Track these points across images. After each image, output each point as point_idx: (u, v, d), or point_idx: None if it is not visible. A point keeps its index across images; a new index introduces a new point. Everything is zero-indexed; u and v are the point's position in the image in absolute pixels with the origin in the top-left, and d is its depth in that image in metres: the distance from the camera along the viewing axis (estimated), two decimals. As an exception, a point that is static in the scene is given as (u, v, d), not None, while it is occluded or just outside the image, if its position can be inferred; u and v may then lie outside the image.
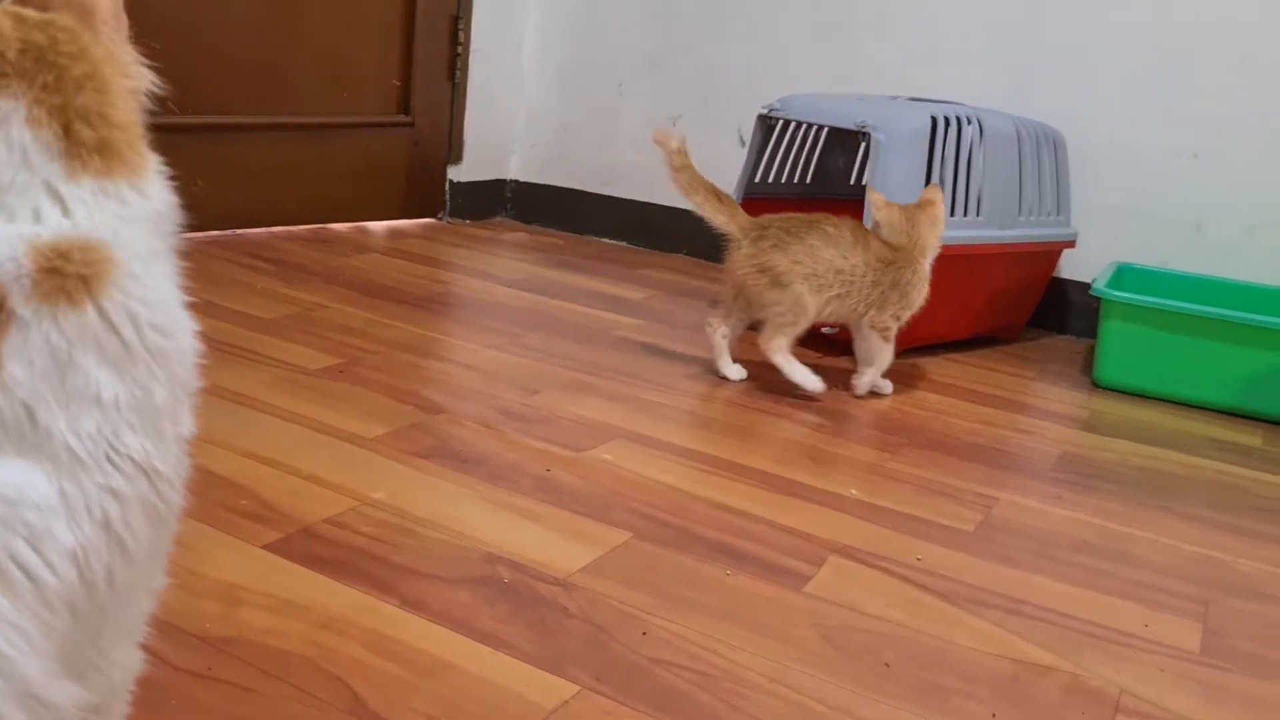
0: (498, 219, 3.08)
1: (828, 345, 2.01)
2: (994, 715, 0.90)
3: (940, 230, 1.75)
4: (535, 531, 1.14)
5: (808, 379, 1.67)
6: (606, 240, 2.96)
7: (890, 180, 1.89)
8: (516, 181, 3.10)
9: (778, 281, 1.65)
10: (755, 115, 2.15)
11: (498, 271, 2.39)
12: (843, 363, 1.93)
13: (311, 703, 0.81)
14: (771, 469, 1.39)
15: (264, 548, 1.03)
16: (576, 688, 0.87)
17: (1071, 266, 2.40)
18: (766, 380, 1.76)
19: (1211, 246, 2.28)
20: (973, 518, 1.31)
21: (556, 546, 1.11)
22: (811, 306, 1.67)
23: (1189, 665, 1.02)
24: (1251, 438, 1.79)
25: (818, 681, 0.92)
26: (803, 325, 1.68)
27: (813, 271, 1.66)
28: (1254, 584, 1.22)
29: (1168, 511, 1.41)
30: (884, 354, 1.74)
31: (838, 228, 1.69)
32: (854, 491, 1.35)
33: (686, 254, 2.85)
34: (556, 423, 1.47)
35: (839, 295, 1.68)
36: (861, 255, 1.68)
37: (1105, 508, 1.40)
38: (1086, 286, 2.14)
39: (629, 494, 1.26)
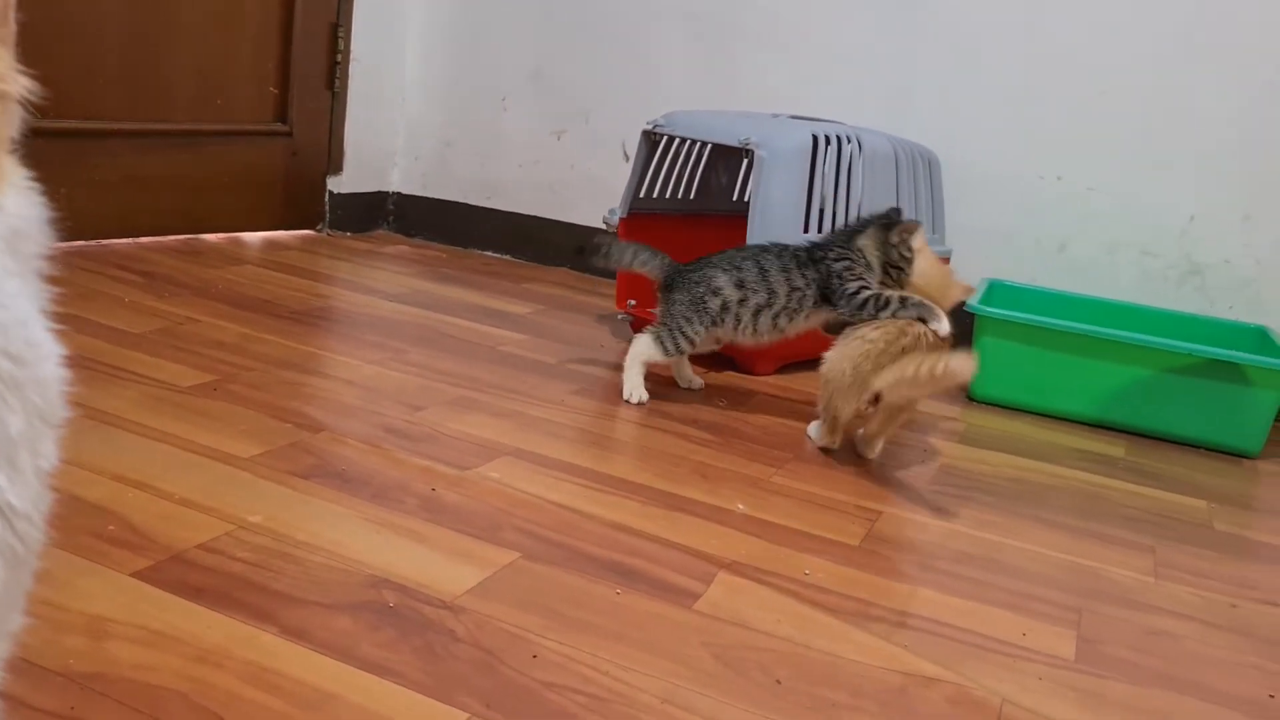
0: (379, 231, 3.03)
1: (709, 361, 2.02)
2: (883, 729, 0.91)
3: None
4: (421, 553, 1.11)
5: None
6: (490, 254, 2.94)
7: (772, 197, 1.91)
8: (399, 194, 3.05)
9: None
10: (639, 131, 2.16)
11: (379, 285, 2.34)
12: (731, 378, 1.95)
13: (186, 740, 0.77)
14: (660, 485, 1.39)
15: (133, 576, 0.98)
16: (466, 715, 0.85)
17: (946, 282, 2.47)
18: (655, 396, 1.76)
19: (1074, 265, 2.37)
20: (857, 531, 1.33)
21: (443, 568, 1.09)
22: None
23: (1066, 673, 1.05)
24: (1115, 448, 1.86)
25: (711, 702, 0.91)
26: None
27: None
28: (1124, 592, 1.26)
29: (1040, 521, 1.45)
30: None
31: None
32: (741, 507, 1.35)
33: (570, 268, 2.84)
34: (441, 440, 1.44)
35: None
36: None
37: (982, 519, 1.43)
38: (960, 302, 2.19)
39: (517, 513, 1.24)
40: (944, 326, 1.57)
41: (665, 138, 2.15)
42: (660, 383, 1.86)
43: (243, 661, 0.88)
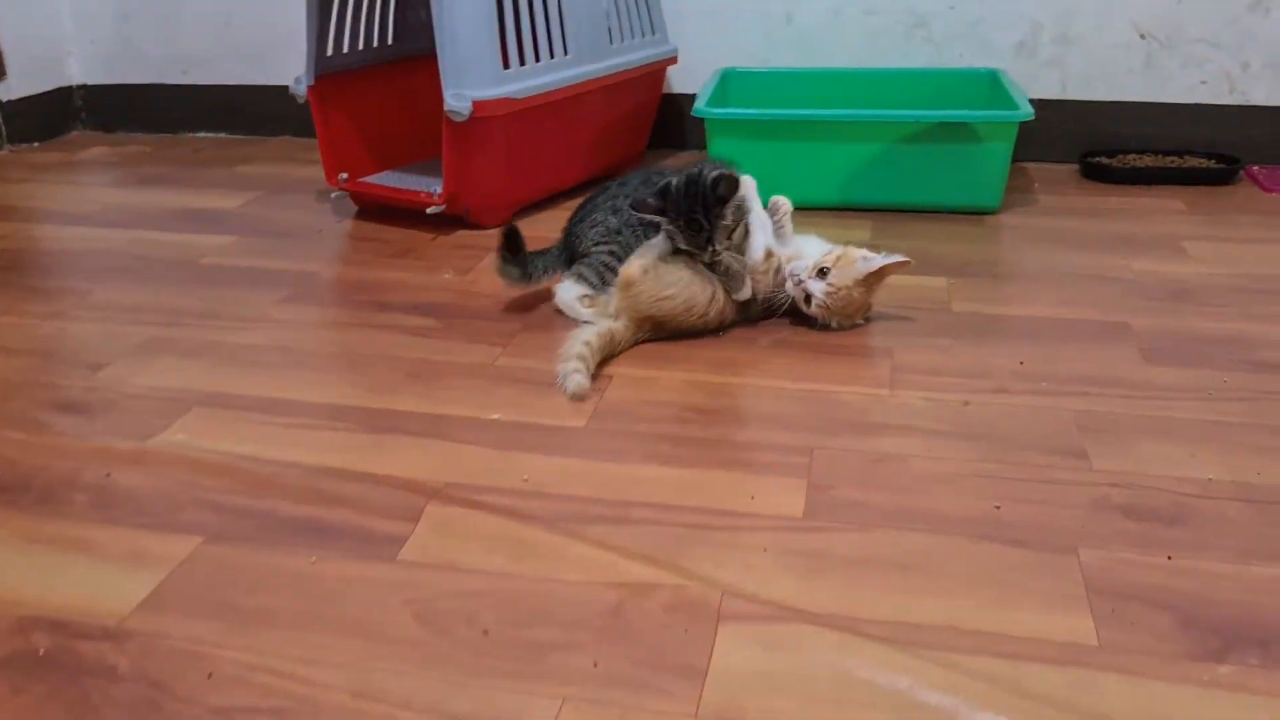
0: (73, 134, 2.72)
1: (437, 222, 1.88)
2: (595, 664, 0.85)
3: None
4: (85, 567, 0.99)
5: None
6: (202, 134, 2.68)
7: (460, 31, 1.73)
8: (85, 86, 2.73)
9: None
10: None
11: (67, 206, 2.09)
12: (462, 238, 1.82)
13: None
14: (371, 401, 1.28)
15: None
16: (122, 780, 0.76)
17: (681, 80, 2.35)
18: (375, 281, 1.63)
19: (803, 35, 2.27)
20: (585, 408, 1.25)
21: (110, 581, 0.97)
22: None
23: (792, 535, 1.00)
24: (860, 233, 1.82)
25: (408, 680, 0.84)
26: None
27: None
28: (857, 415, 1.22)
29: (780, 346, 1.40)
30: None
31: None
32: (460, 409, 1.26)
33: (292, 135, 2.61)
34: (124, 405, 1.29)
35: None
36: None
37: (718, 359, 1.37)
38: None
39: (203, 483, 1.12)
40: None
41: (337, -15, 1.92)
42: (380, 265, 1.72)
43: None
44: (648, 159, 2.31)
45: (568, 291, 1.49)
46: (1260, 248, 1.72)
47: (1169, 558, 0.96)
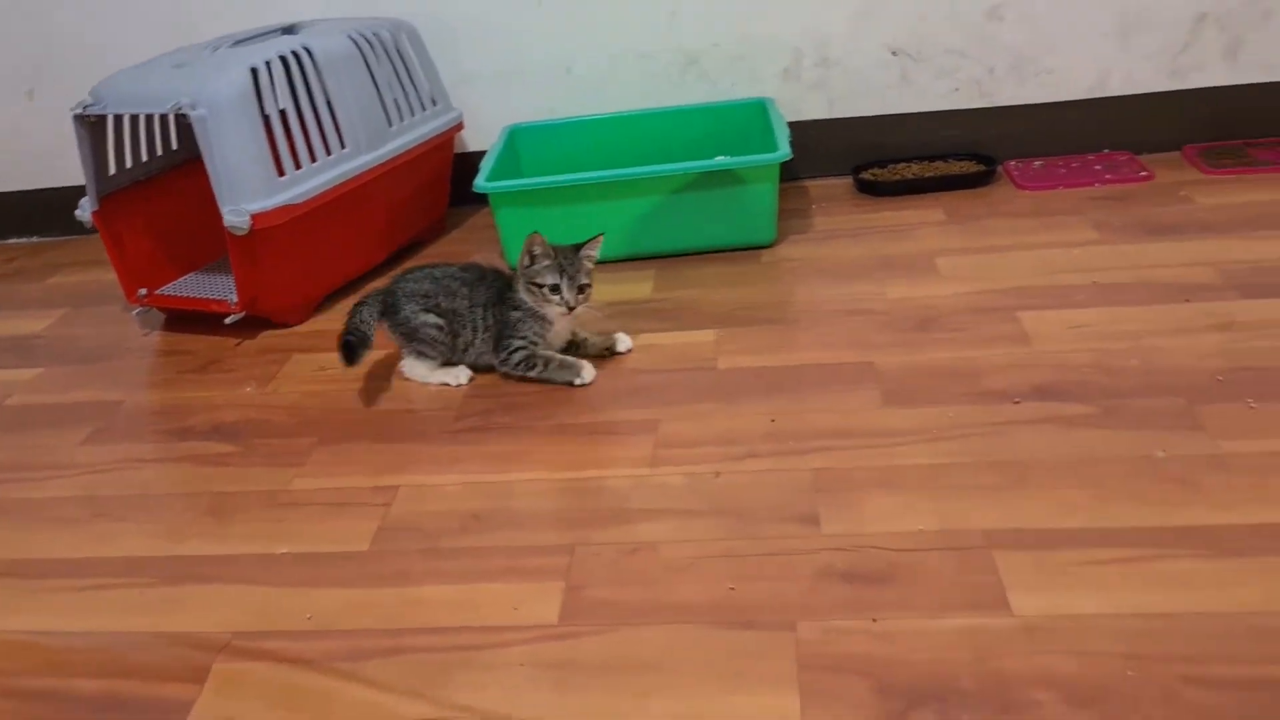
0: (-123, 254, 2.69)
1: (243, 326, 1.94)
2: (359, 812, 0.95)
3: None
4: (-113, 782, 1.05)
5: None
6: (16, 240, 2.67)
7: (228, 158, 1.78)
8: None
9: None
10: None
11: None
12: (265, 340, 1.87)
13: None
14: (167, 549, 1.35)
15: None
16: None
17: (475, 138, 2.43)
18: (178, 405, 1.68)
19: (584, 83, 2.36)
20: (369, 529, 1.34)
21: (-89, 794, 1.03)
22: None
23: (547, 645, 1.11)
24: (644, 286, 1.93)
25: None
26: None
27: None
28: (618, 502, 1.32)
29: (550, 429, 1.50)
30: None
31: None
32: (251, 547, 1.33)
33: (101, 233, 2.62)
34: (-75, 587, 1.34)
35: None
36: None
37: (495, 453, 1.46)
38: (485, 164, 2.16)
39: (2, 666, 1.18)
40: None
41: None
42: (183, 384, 1.77)
43: None
44: (450, 219, 2.38)
45: (415, 369, 1.68)
46: (1004, 256, 1.87)
47: (874, 620, 1.08)
